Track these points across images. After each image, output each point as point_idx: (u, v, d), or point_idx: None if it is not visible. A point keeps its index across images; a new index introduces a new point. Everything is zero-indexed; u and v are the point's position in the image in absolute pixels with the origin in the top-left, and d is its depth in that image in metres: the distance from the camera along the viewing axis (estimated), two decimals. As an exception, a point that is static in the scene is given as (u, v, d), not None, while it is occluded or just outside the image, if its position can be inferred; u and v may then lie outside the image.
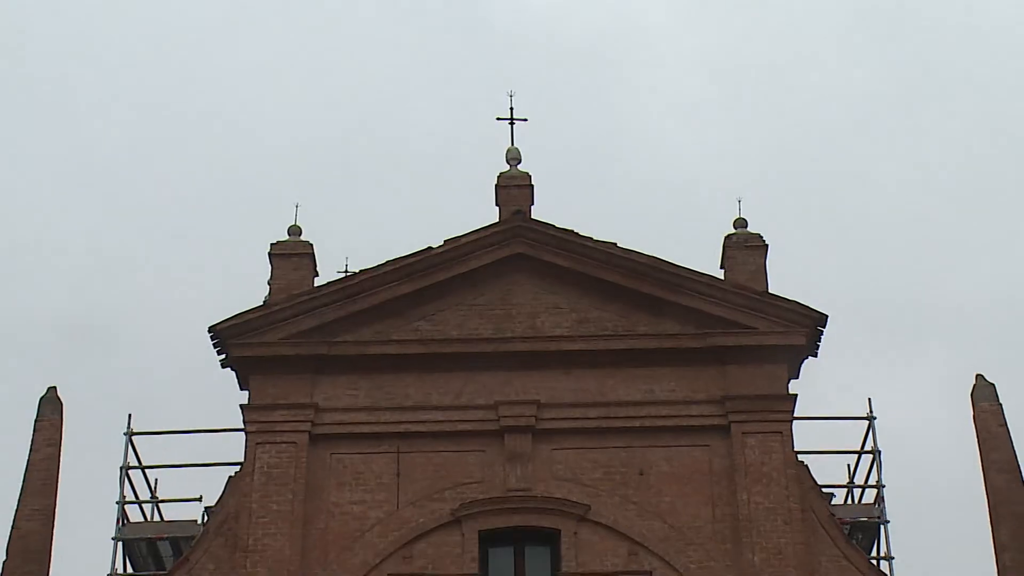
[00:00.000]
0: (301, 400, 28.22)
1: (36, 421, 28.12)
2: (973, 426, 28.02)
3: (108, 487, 29.80)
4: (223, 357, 28.83)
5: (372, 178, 67.66)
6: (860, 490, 30.91)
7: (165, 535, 30.00)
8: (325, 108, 71.41)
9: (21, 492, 27.36)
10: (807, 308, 28.64)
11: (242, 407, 28.41)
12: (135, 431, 30.09)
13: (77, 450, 29.19)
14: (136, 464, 30.36)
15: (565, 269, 29.28)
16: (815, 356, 28.93)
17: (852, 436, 30.57)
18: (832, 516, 27.64)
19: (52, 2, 72.09)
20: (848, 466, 31.18)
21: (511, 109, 31.81)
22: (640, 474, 27.75)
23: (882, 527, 29.41)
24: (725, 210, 35.91)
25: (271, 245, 30.11)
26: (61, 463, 27.83)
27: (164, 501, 31.21)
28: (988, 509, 27.32)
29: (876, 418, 29.98)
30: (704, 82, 73.92)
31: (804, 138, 71.26)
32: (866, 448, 30.24)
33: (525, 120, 31.85)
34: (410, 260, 29.14)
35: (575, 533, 27.25)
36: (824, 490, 28.24)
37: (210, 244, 66.83)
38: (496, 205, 30.60)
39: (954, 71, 71.58)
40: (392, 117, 71.80)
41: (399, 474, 27.82)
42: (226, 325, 28.63)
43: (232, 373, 28.97)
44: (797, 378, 28.85)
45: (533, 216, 30.00)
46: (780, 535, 26.86)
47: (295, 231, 30.40)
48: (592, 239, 29.37)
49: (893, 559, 28.76)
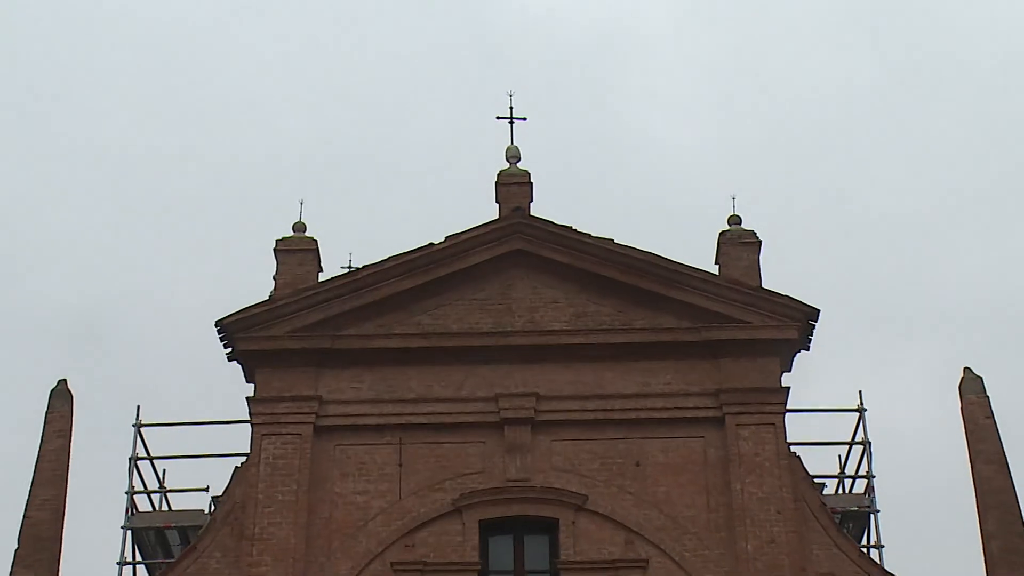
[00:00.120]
0: (306, 393, 28.15)
1: (47, 413, 28.05)
2: (961, 418, 28.00)
3: (117, 477, 30.00)
4: (229, 351, 28.75)
5: (375, 176, 67.70)
6: (851, 480, 30.88)
7: (173, 524, 30.04)
8: (329, 108, 71.49)
9: (32, 482, 27.28)
10: (799, 303, 28.56)
11: (248, 400, 28.35)
12: (144, 423, 30.15)
13: (87, 441, 29.16)
14: (145, 455, 30.39)
15: (564, 265, 29.21)
16: (807, 350, 28.85)
17: (843, 428, 30.66)
18: (824, 506, 27.57)
19: (60, 0, 72.13)
20: (839, 457, 31.24)
21: (511, 109, 31.81)
22: (637, 465, 27.70)
23: (872, 516, 29.51)
24: (720, 207, 35.86)
25: (276, 241, 30.03)
26: (71, 454, 27.75)
27: (172, 491, 31.26)
28: (975, 498, 27.29)
29: (866, 410, 30.05)
30: (700, 82, 73.94)
31: (797, 137, 71.32)
32: (857, 439, 30.26)
33: (524, 119, 31.83)
34: (412, 256, 29.08)
35: (573, 522, 27.22)
36: (816, 480, 28.19)
37: (217, 240, 66.89)
38: (496, 202, 30.53)
39: (944, 70, 71.63)
40: (395, 117, 71.86)
41: (401, 465, 27.77)
42: (232, 319, 28.56)
43: (238, 366, 28.86)
44: (790, 371, 28.79)
45: (532, 213, 29.91)
46: (773, 524, 26.79)
47: (300, 227, 30.34)
48: (590, 235, 29.28)
49: (883, 547, 28.86)
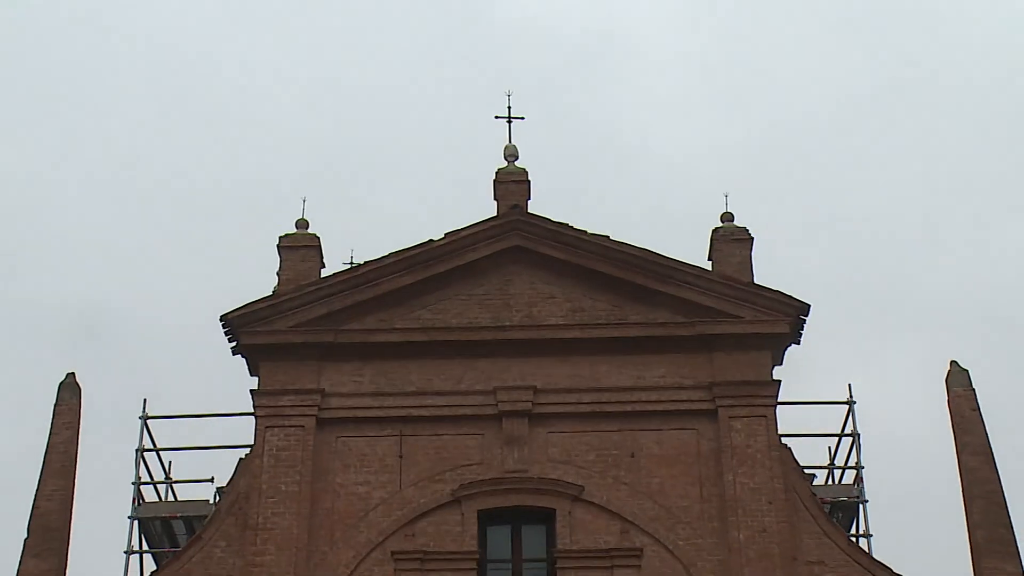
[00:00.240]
0: (308, 386, 28.15)
1: (55, 406, 28.01)
2: (947, 410, 28.03)
3: (124, 469, 29.95)
4: (234, 345, 28.71)
5: (376, 174, 67.70)
6: (840, 471, 30.96)
7: (179, 514, 30.06)
8: (331, 108, 71.46)
9: (41, 473, 27.27)
10: (791, 298, 28.55)
11: (252, 392, 28.32)
12: (150, 415, 30.14)
13: (95, 433, 29.20)
14: (151, 447, 30.37)
15: (560, 261, 29.20)
16: (798, 344, 28.86)
17: (833, 420, 30.68)
18: (814, 496, 27.57)
19: (62, 1, 72.10)
20: (829, 448, 31.31)
21: (509, 108, 31.75)
22: (631, 456, 27.68)
23: (861, 506, 29.54)
24: (713, 204, 36.02)
25: (279, 238, 29.98)
26: (79, 445, 27.71)
27: (178, 482, 31.27)
28: (961, 489, 27.31)
29: (856, 403, 30.07)
30: (694, 83, 73.94)
31: (789, 136, 71.32)
32: (846, 431, 30.28)
33: (522, 118, 31.76)
34: (412, 252, 29.05)
35: (570, 512, 27.23)
36: (806, 471, 28.21)
37: (222, 237, 66.94)
38: (494, 200, 30.50)
39: (932, 71, 71.54)
40: (395, 116, 71.85)
41: (402, 456, 27.74)
42: (237, 314, 28.52)
43: (243, 360, 28.86)
44: (781, 364, 28.82)
45: (530, 210, 29.87)
46: (764, 514, 26.77)
47: (303, 224, 30.32)
48: (586, 232, 29.26)
49: (872, 536, 28.90)
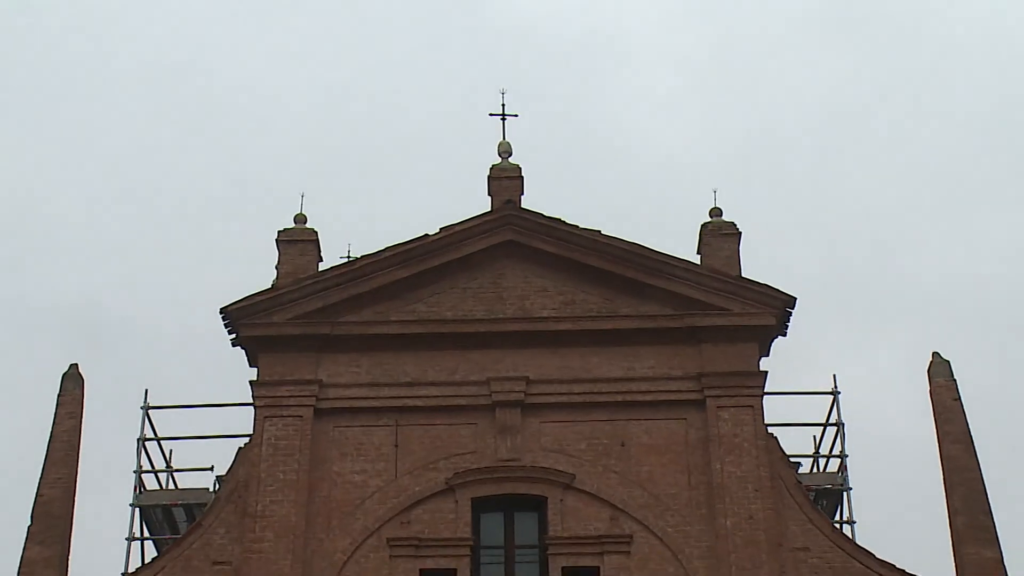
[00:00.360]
0: (306, 376, 28.19)
1: (59, 396, 28.03)
2: (929, 400, 28.10)
3: (126, 457, 30.07)
4: (233, 336, 28.76)
5: (373, 170, 67.73)
6: (825, 459, 31.08)
7: (179, 502, 30.17)
8: (329, 106, 71.57)
9: (45, 461, 27.30)
10: (777, 291, 28.62)
11: (251, 383, 28.37)
12: (151, 405, 30.19)
13: (97, 423, 29.25)
14: (152, 436, 30.42)
15: (553, 255, 29.24)
16: (784, 335, 28.92)
17: (818, 410, 30.81)
18: (799, 484, 27.68)
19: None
20: (814, 437, 31.41)
21: (503, 106, 31.73)
22: (622, 445, 27.75)
23: (845, 494, 29.64)
24: (702, 200, 36.13)
25: (278, 232, 29.99)
26: (82, 435, 27.73)
27: (178, 470, 31.33)
28: (943, 477, 27.41)
29: (840, 393, 30.19)
30: (683, 81, 74.05)
31: (776, 134, 71.44)
32: (831, 421, 30.41)
33: (516, 116, 31.80)
34: (408, 246, 29.08)
35: (561, 500, 27.30)
36: (792, 460, 28.19)
37: (222, 232, 66.98)
38: (488, 195, 30.49)
39: (915, 71, 71.72)
40: (392, 113, 71.90)
41: (397, 445, 27.79)
42: (236, 307, 28.56)
43: (242, 351, 28.90)
44: (767, 356, 28.88)
45: (523, 205, 29.91)
46: (751, 501, 26.90)
47: (301, 219, 30.35)
48: (578, 227, 29.31)
49: (855, 523, 29.03)
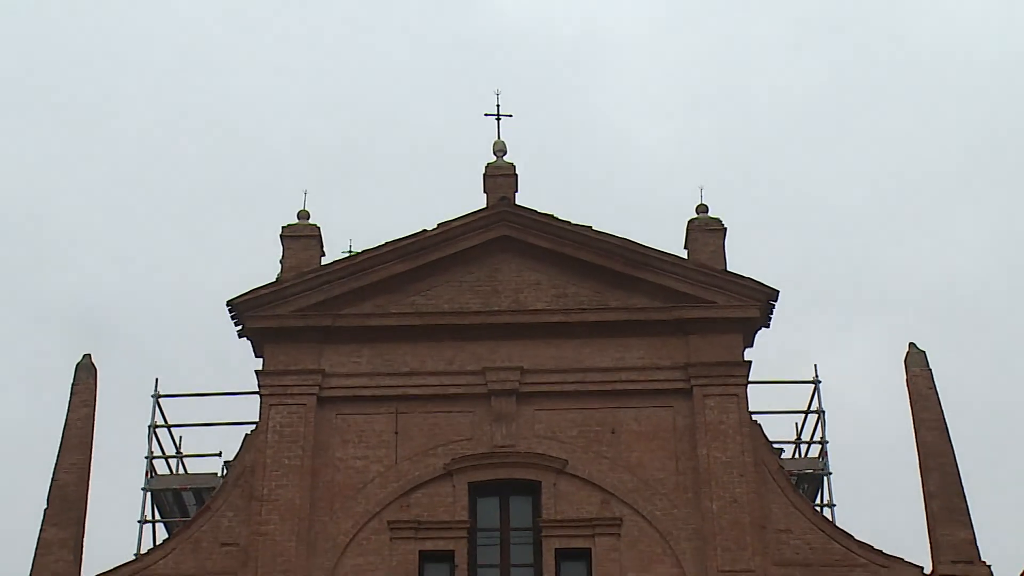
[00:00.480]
0: (310, 366, 28.35)
1: (73, 385, 28.15)
2: (906, 388, 28.15)
3: (138, 444, 30.20)
4: (240, 328, 28.90)
5: (373, 168, 67.99)
6: (806, 446, 31.25)
7: (189, 486, 30.30)
8: (331, 108, 71.76)
9: (60, 448, 27.47)
10: (761, 284, 28.74)
11: (257, 373, 28.54)
12: (162, 394, 30.33)
13: (110, 411, 29.30)
14: (163, 423, 30.58)
15: (546, 249, 29.36)
16: (767, 327, 29.06)
17: (800, 398, 31.05)
18: (781, 469, 27.83)
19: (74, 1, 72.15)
20: (796, 424, 31.61)
21: (497, 106, 31.76)
22: (612, 432, 27.89)
23: (825, 478, 29.82)
24: (688, 197, 36.30)
25: (282, 228, 30.09)
26: (96, 422, 27.86)
27: (188, 456, 31.49)
28: (918, 461, 27.52)
29: (821, 382, 30.39)
30: (671, 83, 74.31)
31: (759, 134, 71.73)
32: (812, 408, 30.59)
33: (510, 116, 31.82)
34: (407, 241, 29.19)
35: (554, 484, 27.48)
36: (774, 446, 28.35)
37: (228, 228, 67.14)
38: (484, 192, 30.59)
39: (888, 73, 72.17)
40: (391, 114, 72.07)
41: (397, 432, 27.93)
42: (242, 300, 28.71)
43: (248, 342, 29.02)
44: (752, 346, 28.99)
45: (517, 202, 29.99)
46: (736, 486, 27.03)
47: (304, 215, 30.45)
48: (570, 223, 29.43)
49: (835, 506, 29.30)
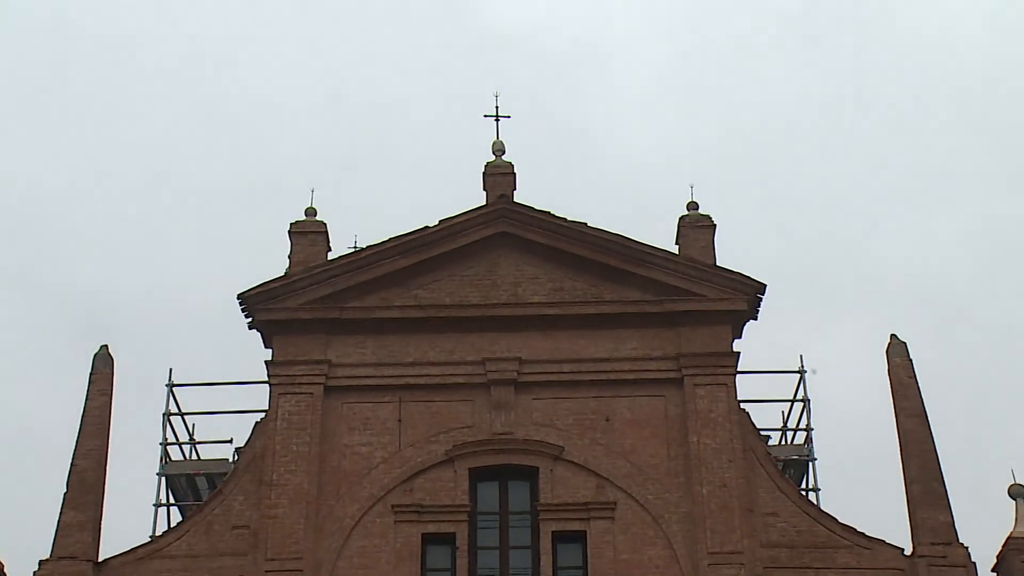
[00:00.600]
0: (317, 357, 28.54)
1: (91, 374, 28.39)
2: (888, 378, 28.37)
3: (152, 431, 30.59)
4: (250, 320, 29.15)
5: (378, 167, 68.31)
6: (792, 433, 31.59)
7: (202, 472, 30.61)
8: (337, 109, 72.11)
9: (79, 434, 27.70)
10: (749, 278, 28.95)
11: (267, 363, 28.75)
12: (176, 383, 30.63)
13: (126, 399, 29.64)
14: (176, 411, 30.90)
15: (543, 245, 29.57)
16: (755, 319, 29.26)
17: (786, 387, 31.31)
18: (768, 455, 28.10)
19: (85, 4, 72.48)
20: (782, 412, 31.95)
21: (496, 108, 32.02)
22: (606, 420, 28.09)
23: (811, 464, 30.17)
24: (680, 195, 36.61)
25: (290, 224, 30.23)
26: (112, 410, 28.07)
27: (200, 443, 31.87)
28: (899, 448, 27.75)
29: (807, 371, 30.64)
30: (664, 86, 74.50)
31: (748, 133, 71.97)
32: (798, 397, 30.89)
33: (509, 117, 32.07)
34: (410, 237, 29.37)
35: (551, 470, 27.69)
36: (762, 433, 28.72)
37: (239, 224, 67.48)
38: (483, 190, 30.88)
39: (873, 74, 72.46)
40: (394, 115, 72.32)
41: (401, 420, 28.12)
42: (252, 293, 28.92)
43: (258, 334, 29.26)
44: (740, 338, 29.20)
45: (515, 199, 30.19)
46: (725, 471, 27.22)
47: (311, 212, 30.58)
48: (566, 219, 29.62)
49: (820, 490, 29.65)
